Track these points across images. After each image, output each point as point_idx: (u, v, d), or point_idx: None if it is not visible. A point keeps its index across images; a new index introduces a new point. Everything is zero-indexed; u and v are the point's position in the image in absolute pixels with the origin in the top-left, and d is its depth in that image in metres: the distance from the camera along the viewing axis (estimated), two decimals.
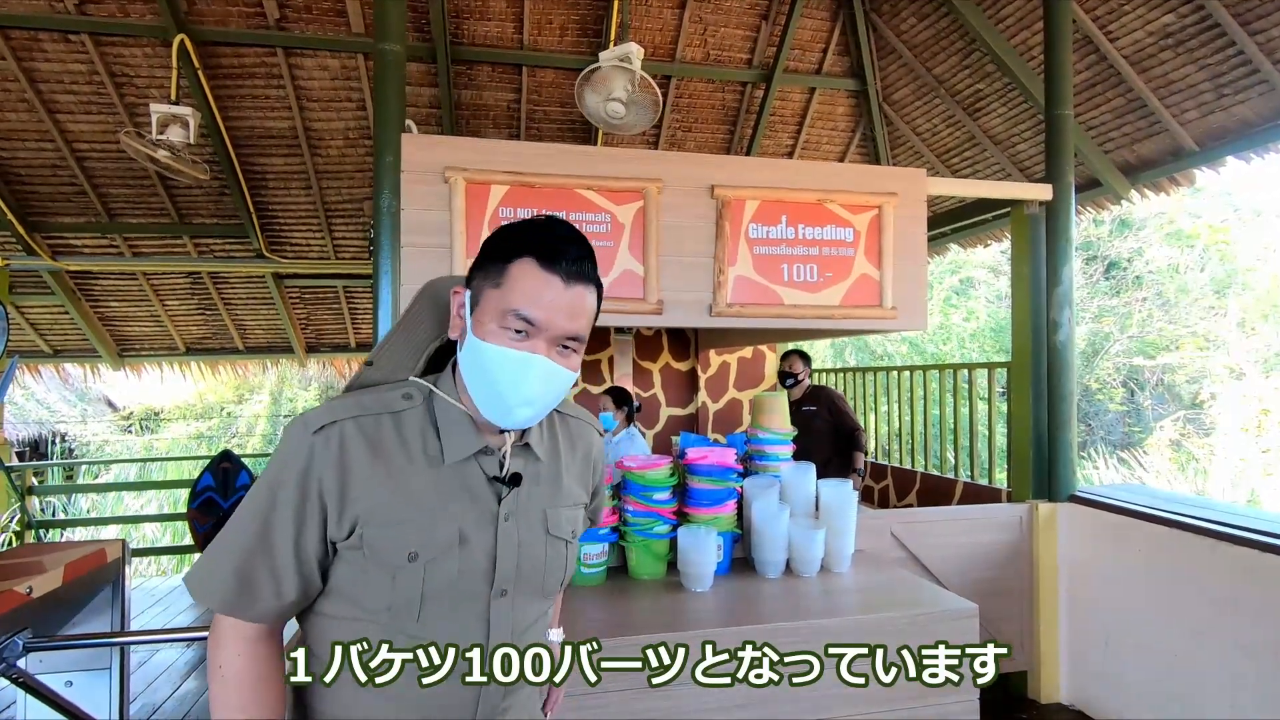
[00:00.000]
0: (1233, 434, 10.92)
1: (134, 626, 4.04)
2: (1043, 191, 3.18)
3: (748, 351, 6.00)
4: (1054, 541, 3.14)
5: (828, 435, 4.13)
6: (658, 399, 6.00)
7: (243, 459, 5.24)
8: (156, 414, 15.56)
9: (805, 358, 4.37)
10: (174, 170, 4.04)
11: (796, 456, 3.63)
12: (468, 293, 0.97)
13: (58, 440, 13.72)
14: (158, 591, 4.79)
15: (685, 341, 6.05)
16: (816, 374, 5.79)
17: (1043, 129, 4.39)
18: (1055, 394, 3.19)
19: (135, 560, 7.26)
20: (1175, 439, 11.35)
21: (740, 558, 2.67)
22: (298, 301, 5.92)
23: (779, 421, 2.92)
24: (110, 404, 15.26)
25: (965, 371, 3.86)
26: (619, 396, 3.80)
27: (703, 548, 2.35)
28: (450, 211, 2.56)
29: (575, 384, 1.23)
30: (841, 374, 5.66)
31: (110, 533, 7.57)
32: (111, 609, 2.15)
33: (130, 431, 15.19)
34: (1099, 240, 12.86)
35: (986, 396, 3.59)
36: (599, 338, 5.83)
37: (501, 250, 0.95)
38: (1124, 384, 12.38)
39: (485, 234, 2.64)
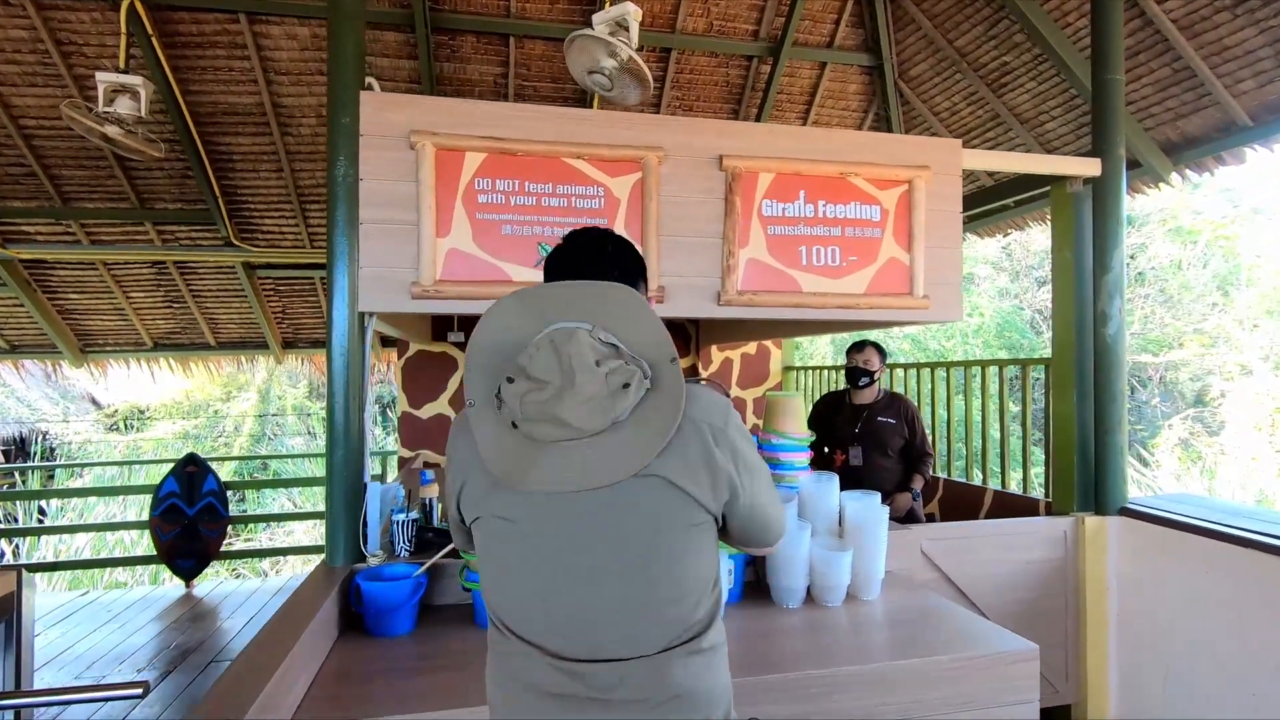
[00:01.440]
0: (1244, 432, 10.65)
1: (54, 661, 3.69)
2: (1090, 166, 2.83)
3: (752, 347, 5.65)
4: (1103, 559, 2.79)
5: (901, 455, 3.37)
6: None
7: (210, 462, 4.88)
8: (142, 412, 15.16)
9: (881, 352, 3.45)
10: (125, 147, 3.66)
11: (859, 479, 3.26)
12: None
13: (37, 440, 13.32)
14: (114, 606, 4.42)
15: (685, 336, 5.69)
16: (814, 372, 5.44)
17: (1074, 104, 4.06)
18: (1104, 394, 2.84)
19: (106, 571, 6.89)
20: (1184, 438, 11.08)
21: (752, 581, 2.33)
22: (272, 294, 5.55)
23: (795, 425, 2.58)
24: (94, 402, 14.86)
25: (995, 369, 3.51)
26: None
27: None
28: (418, 183, 2.20)
29: None
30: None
31: (80, 542, 7.19)
32: (3, 657, 1.79)
33: (115, 430, 14.79)
34: None
35: (1021, 397, 3.24)
36: None
37: None
38: (1127, 382, 12.09)
39: (459, 209, 2.29)
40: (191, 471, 4.79)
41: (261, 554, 7.04)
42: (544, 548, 0.96)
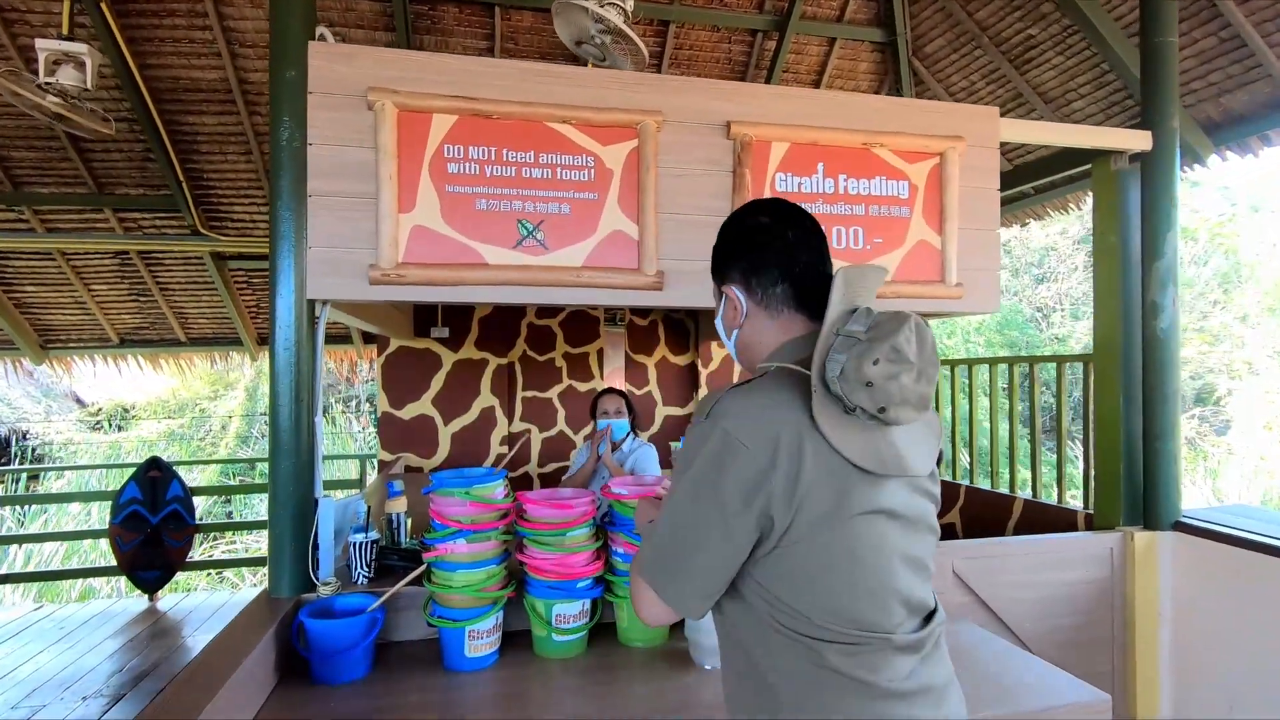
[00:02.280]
0: (1252, 431, 10.42)
1: None
2: (1140, 140, 2.53)
3: None
4: (1154, 580, 2.50)
5: None
6: (653, 397, 5.34)
7: (175, 466, 4.55)
8: (126, 410, 14.79)
9: None
10: (71, 123, 3.34)
11: None
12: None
13: (16, 439, 12.95)
14: (69, 623, 4.10)
15: (685, 332, 5.39)
16: None
17: (1105, 80, 3.76)
18: (1154, 394, 2.54)
19: (77, 582, 6.52)
20: (1190, 437, 10.86)
21: None
22: (244, 286, 5.22)
23: None
24: (78, 400, 14.51)
25: (1024, 366, 3.21)
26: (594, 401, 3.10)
27: None
28: (376, 149, 1.89)
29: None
30: None
31: (48, 551, 6.83)
32: None
33: (99, 429, 14.42)
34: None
35: (1056, 397, 2.94)
36: (587, 328, 5.16)
37: None
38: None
39: (425, 180, 1.97)
40: (155, 476, 4.46)
41: (234, 564, 6.69)
42: (901, 533, 0.94)
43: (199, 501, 9.16)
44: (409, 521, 2.28)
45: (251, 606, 1.78)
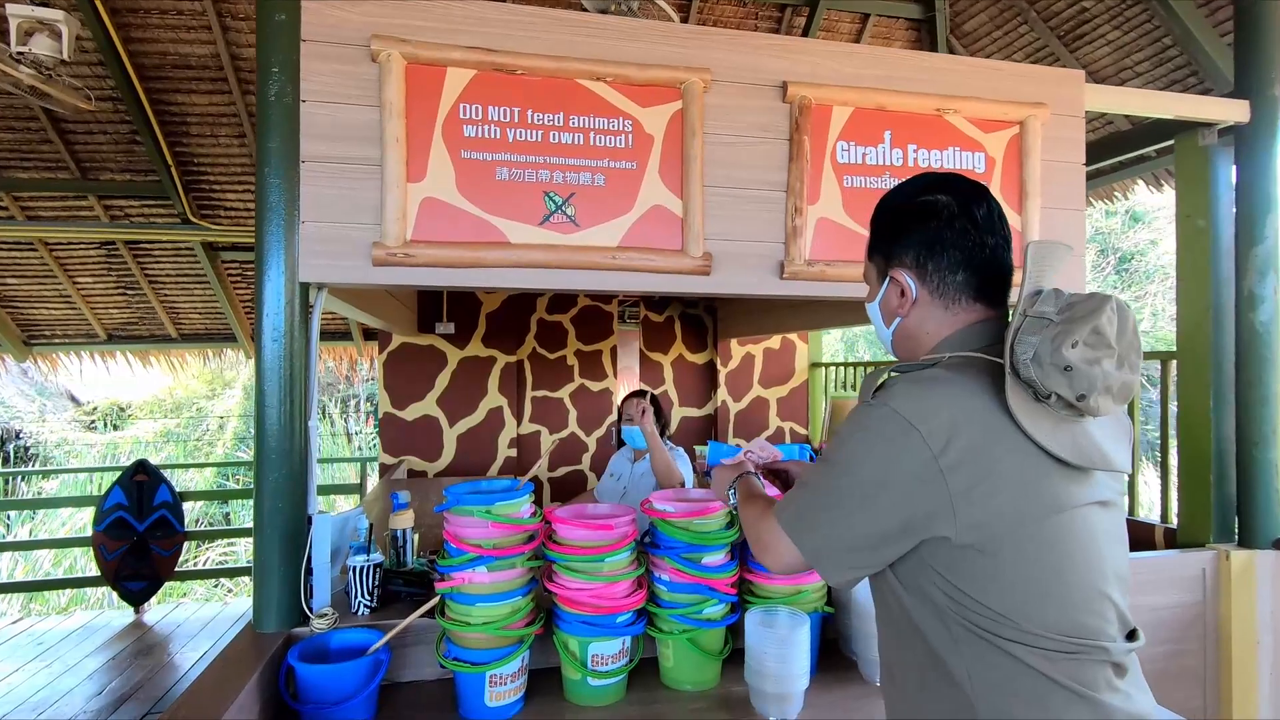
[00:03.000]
0: None
1: None
2: (1235, 110, 2.26)
3: (776, 341, 5.07)
4: (1251, 604, 2.23)
5: None
6: (669, 397, 5.07)
7: (167, 469, 4.27)
8: (123, 409, 14.52)
9: None
10: (47, 97, 3.07)
11: None
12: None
13: (9, 439, 12.70)
14: (47, 638, 3.82)
15: (702, 328, 5.12)
16: (845, 369, 4.86)
17: (1166, 57, 3.47)
18: (1250, 395, 2.27)
19: (63, 592, 6.25)
20: None
21: (831, 638, 1.75)
22: (239, 279, 4.94)
23: None
24: (73, 398, 14.25)
25: None
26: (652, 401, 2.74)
27: (789, 648, 1.41)
28: (381, 108, 1.62)
29: None
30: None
31: (39, 557, 6.55)
32: None
33: (94, 428, 14.15)
34: (1110, 233, 12.22)
35: (1162, 402, 2.66)
36: (600, 324, 4.89)
37: None
38: None
39: (438, 144, 1.70)
40: (141, 480, 4.19)
41: (227, 573, 6.36)
42: (1107, 533, 0.87)
43: (193, 506, 8.90)
44: (416, 538, 2.01)
45: (232, 646, 1.50)
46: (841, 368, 4.88)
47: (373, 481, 4.85)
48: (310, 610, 1.61)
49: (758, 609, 1.50)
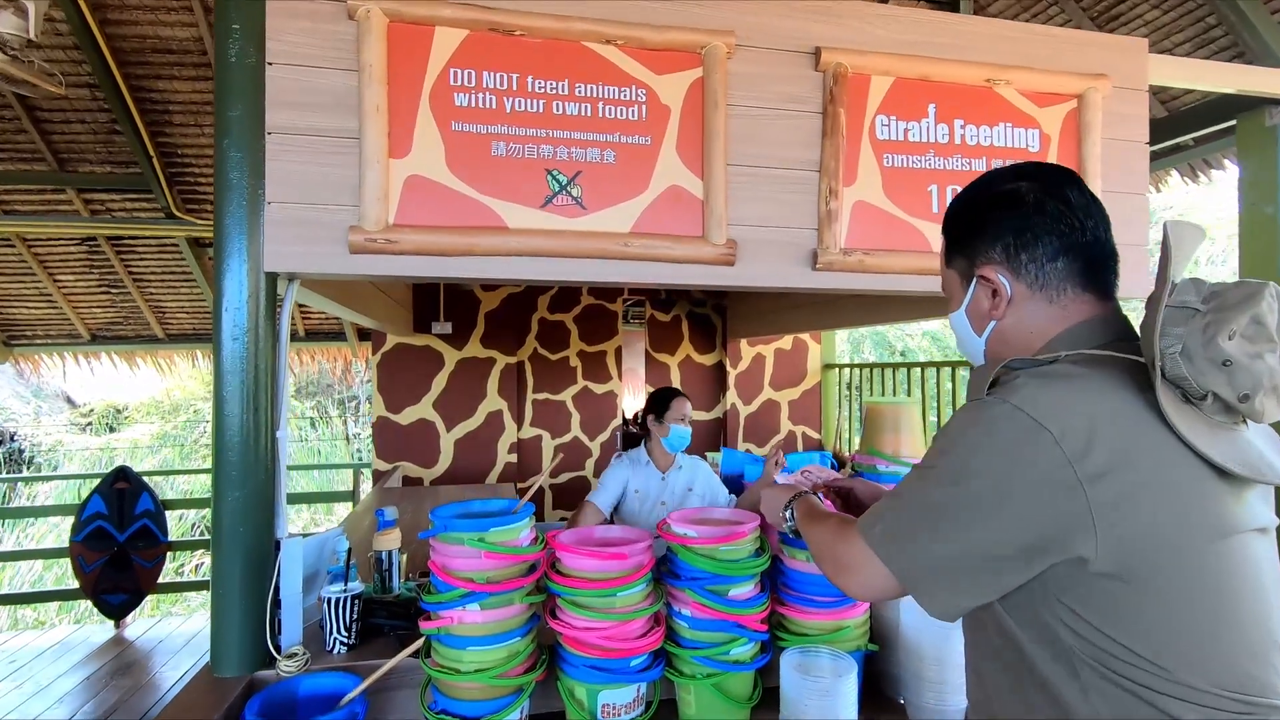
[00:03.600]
0: None
1: None
2: None
3: (787, 341, 4.86)
4: None
5: None
6: None
7: (144, 477, 4.07)
8: (119, 411, 14.34)
9: None
10: (13, 79, 2.86)
11: None
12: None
13: (3, 441, 12.52)
14: (21, 655, 3.61)
15: (710, 328, 4.91)
16: (860, 370, 4.62)
17: (1210, 38, 3.23)
18: None
19: (48, 605, 6.04)
20: None
21: (872, 676, 1.54)
22: None
23: (912, 443, 1.79)
24: (69, 400, 14.08)
25: None
26: (662, 399, 2.55)
27: (833, 699, 1.20)
28: (360, 72, 1.41)
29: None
30: (872, 370, 4.42)
31: (24, 569, 6.34)
32: None
33: (89, 430, 13.97)
34: None
35: None
36: (604, 323, 4.68)
37: None
38: None
39: (425, 115, 1.49)
40: (122, 488, 3.98)
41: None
42: (1273, 563, 0.73)
43: (184, 515, 8.69)
44: (404, 559, 1.80)
45: (184, 696, 1.29)
46: (856, 369, 4.66)
47: (366, 488, 4.65)
48: (278, 650, 1.40)
49: (794, 649, 1.29)
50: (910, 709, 1.43)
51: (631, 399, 4.82)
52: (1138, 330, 0.80)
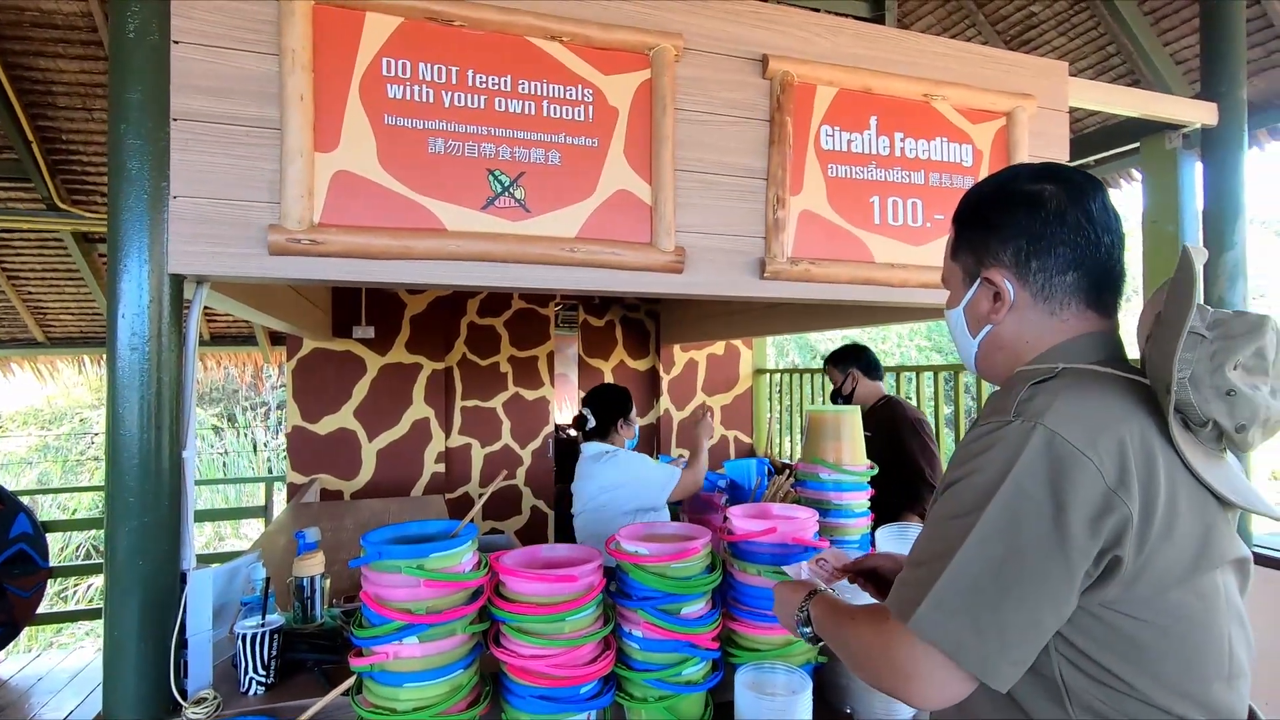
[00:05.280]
0: None
1: None
2: (1203, 112, 2.21)
3: (720, 347, 4.90)
4: None
5: (891, 482, 2.37)
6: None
7: (20, 497, 3.66)
8: None
9: (846, 357, 2.82)
10: None
11: None
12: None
13: None
14: None
15: (644, 333, 4.89)
16: (789, 376, 4.71)
17: (1109, 65, 3.49)
18: None
19: None
20: None
21: (820, 685, 1.53)
22: None
23: (853, 451, 1.80)
24: None
25: None
26: (614, 400, 2.47)
27: (789, 715, 1.18)
28: (281, 56, 1.28)
29: None
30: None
31: None
32: None
33: None
34: None
35: None
36: (536, 328, 4.58)
37: None
38: None
39: (354, 106, 1.38)
40: None
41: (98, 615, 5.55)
42: (1239, 594, 0.74)
43: (70, 536, 7.92)
44: (327, 584, 1.66)
45: None
46: (787, 374, 4.74)
47: (280, 502, 4.36)
48: (183, 695, 1.25)
49: (748, 667, 1.26)
50: (858, 718, 1.43)
51: (563, 406, 4.73)
52: (1128, 352, 0.81)
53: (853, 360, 2.76)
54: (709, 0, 1.61)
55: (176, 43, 1.24)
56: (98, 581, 6.86)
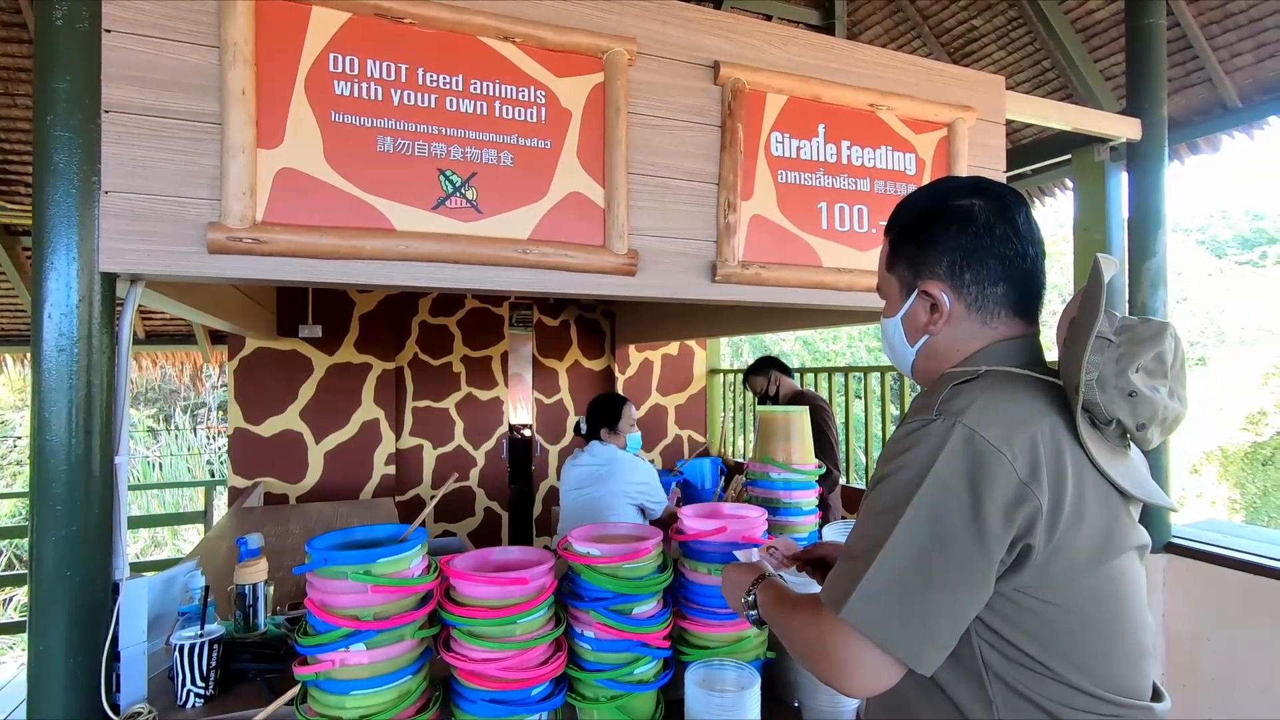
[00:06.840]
0: None
1: None
2: (1129, 127, 2.33)
3: (674, 348, 4.94)
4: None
5: None
6: (564, 405, 4.79)
7: None
8: None
9: (765, 367, 3.24)
10: None
11: None
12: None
13: None
14: None
15: (599, 333, 4.89)
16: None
17: (1045, 79, 3.65)
18: None
19: None
20: None
21: (769, 680, 1.56)
22: None
23: (802, 450, 1.85)
24: None
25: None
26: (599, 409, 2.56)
27: (738, 711, 1.21)
28: (222, 49, 1.25)
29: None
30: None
31: None
32: None
33: None
34: None
35: None
36: (490, 328, 4.54)
37: None
38: None
39: (300, 102, 1.34)
40: None
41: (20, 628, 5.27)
42: (1141, 578, 0.79)
43: None
44: (271, 591, 1.62)
45: None
46: (740, 374, 4.81)
47: (221, 506, 4.20)
48: (116, 710, 1.20)
49: (698, 664, 1.28)
50: (805, 711, 1.47)
51: (517, 407, 4.70)
52: (1048, 356, 0.85)
53: (770, 365, 3.20)
54: (663, 5, 1.62)
55: (108, 31, 1.19)
56: (21, 594, 6.49)
